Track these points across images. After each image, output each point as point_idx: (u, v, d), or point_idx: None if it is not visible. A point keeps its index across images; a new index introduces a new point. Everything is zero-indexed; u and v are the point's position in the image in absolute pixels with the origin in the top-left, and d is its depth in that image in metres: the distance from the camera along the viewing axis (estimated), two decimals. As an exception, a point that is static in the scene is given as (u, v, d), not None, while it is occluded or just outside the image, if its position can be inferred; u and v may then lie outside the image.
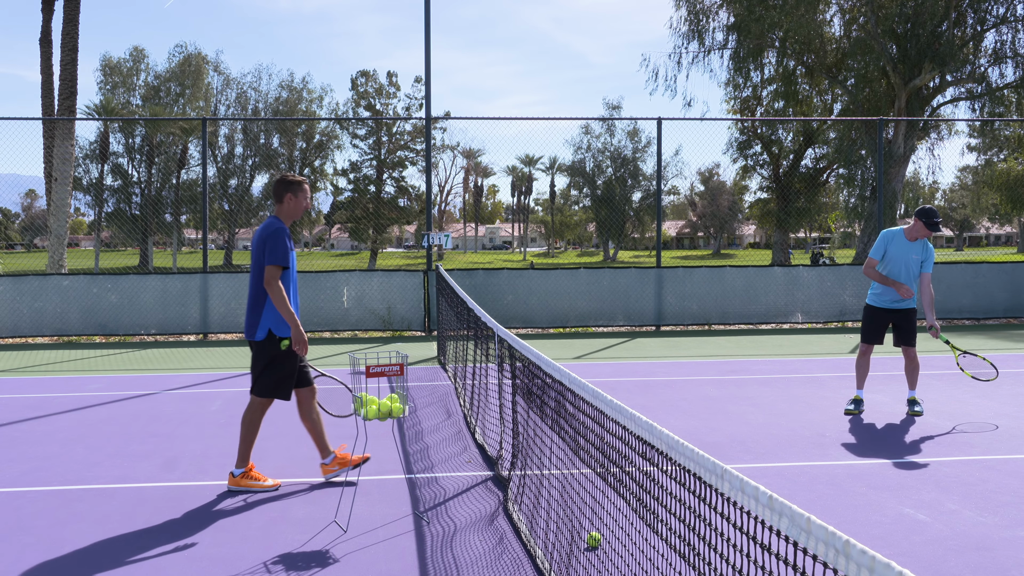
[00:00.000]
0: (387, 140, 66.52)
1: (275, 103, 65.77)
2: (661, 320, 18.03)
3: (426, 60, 17.86)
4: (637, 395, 10.55)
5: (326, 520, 5.94)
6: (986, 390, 10.71)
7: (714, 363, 13.37)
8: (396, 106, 68.17)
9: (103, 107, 61.74)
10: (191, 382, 11.78)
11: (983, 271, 19.03)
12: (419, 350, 14.97)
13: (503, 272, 17.97)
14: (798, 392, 10.71)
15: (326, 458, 6.89)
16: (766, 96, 40.06)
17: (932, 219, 9.01)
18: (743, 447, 7.87)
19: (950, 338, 14.82)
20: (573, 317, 17.90)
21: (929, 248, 9.25)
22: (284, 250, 6.45)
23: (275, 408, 9.77)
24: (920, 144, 35.78)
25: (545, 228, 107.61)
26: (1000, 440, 8.10)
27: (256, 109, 65.61)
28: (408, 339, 16.75)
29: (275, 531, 5.72)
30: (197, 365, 13.47)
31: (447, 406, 9.92)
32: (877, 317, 9.49)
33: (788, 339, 16.36)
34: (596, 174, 78.48)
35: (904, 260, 9.21)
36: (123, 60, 65.60)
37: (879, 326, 9.50)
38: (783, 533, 2.18)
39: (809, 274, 18.55)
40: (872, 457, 7.52)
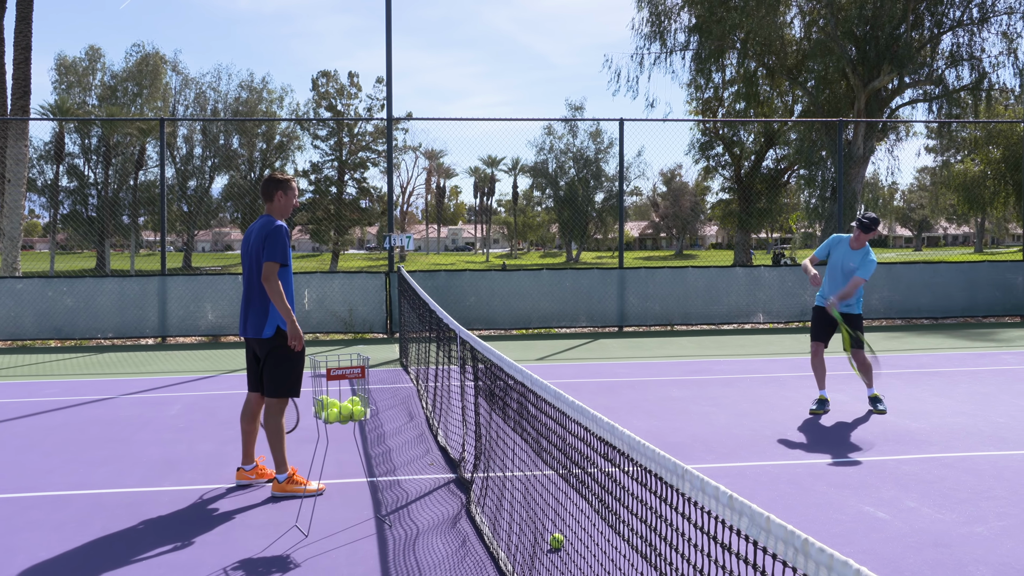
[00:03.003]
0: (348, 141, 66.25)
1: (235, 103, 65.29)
2: (624, 321, 18.10)
3: (387, 61, 17.81)
4: (600, 396, 10.57)
5: (287, 524, 5.90)
6: (944, 389, 10.85)
7: (677, 364, 13.43)
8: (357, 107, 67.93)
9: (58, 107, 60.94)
10: (149, 386, 11.66)
11: (941, 271, 19.27)
12: (381, 352, 14.91)
13: (466, 273, 17.95)
14: (760, 392, 10.79)
15: (247, 464, 6.86)
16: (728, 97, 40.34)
17: (861, 219, 9.25)
18: (706, 447, 7.92)
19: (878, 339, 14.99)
20: (536, 318, 17.92)
21: (868, 257, 9.30)
22: (284, 247, 6.50)
23: (230, 410, 9.70)
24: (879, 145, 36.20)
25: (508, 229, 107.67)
26: (957, 438, 8.21)
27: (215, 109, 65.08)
28: (370, 341, 16.68)
29: (235, 536, 5.68)
30: (155, 369, 13.33)
31: (409, 409, 9.88)
32: (820, 315, 9.63)
33: (750, 339, 16.48)
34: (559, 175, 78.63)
35: (840, 264, 9.42)
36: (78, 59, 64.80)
37: (822, 324, 9.61)
38: (743, 532, 2.20)
39: (771, 274, 18.70)
40: (833, 456, 7.59)
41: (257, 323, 6.57)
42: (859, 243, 9.32)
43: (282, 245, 6.47)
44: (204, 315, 16.88)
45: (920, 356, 14.02)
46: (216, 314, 16.88)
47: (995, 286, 19.36)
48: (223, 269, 56.97)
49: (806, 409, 9.62)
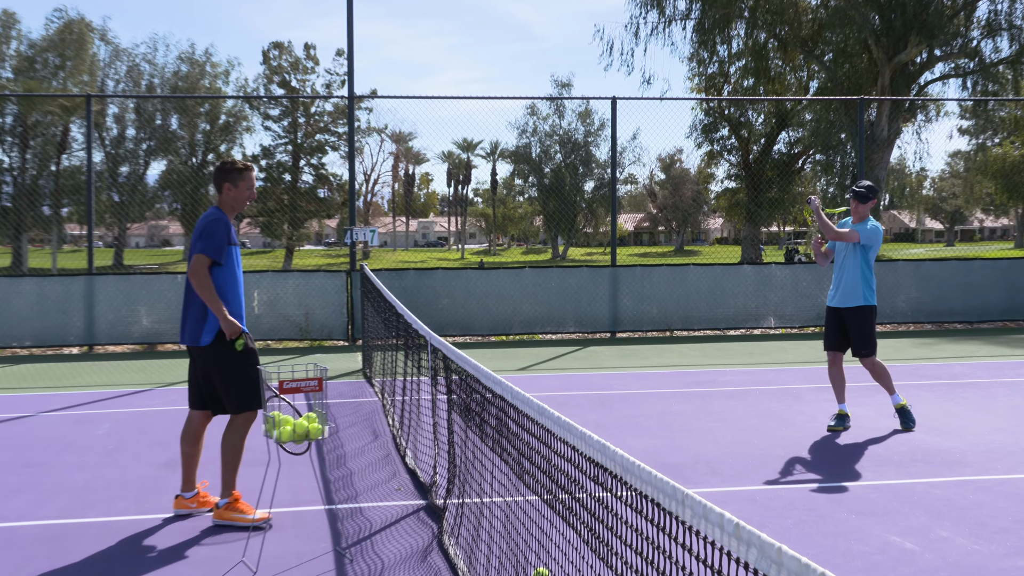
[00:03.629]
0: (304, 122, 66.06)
1: (173, 78, 64.98)
2: (617, 326, 18.12)
3: (348, 31, 17.77)
4: (590, 411, 10.58)
5: (232, 560, 5.87)
6: (981, 403, 10.92)
7: (676, 374, 13.46)
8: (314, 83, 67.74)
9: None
10: (73, 402, 11.59)
11: (976, 269, 19.39)
12: (341, 362, 14.87)
13: (438, 272, 17.93)
14: (771, 406, 10.82)
15: (188, 491, 6.85)
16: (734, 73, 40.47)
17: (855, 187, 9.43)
18: (709, 469, 7.93)
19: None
20: (517, 323, 17.92)
21: (868, 227, 9.43)
22: (219, 242, 6.53)
23: (166, 428, 9.65)
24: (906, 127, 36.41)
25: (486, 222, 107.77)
26: (996, 458, 8.26)
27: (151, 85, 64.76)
28: (328, 349, 16.64)
29: (173, 574, 5.64)
30: (81, 382, 13.25)
31: (373, 426, 9.85)
32: (832, 318, 9.69)
33: (760, 346, 16.54)
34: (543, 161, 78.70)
35: (848, 246, 9.47)
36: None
37: (834, 328, 9.66)
38: (751, 566, 2.19)
39: (783, 273, 18.77)
40: (855, 479, 7.62)
41: (194, 329, 6.58)
42: (859, 216, 9.49)
43: (218, 239, 6.51)
44: (138, 320, 16.80)
45: (953, 365, 14.10)
46: (152, 319, 16.80)
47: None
48: (160, 268, 56.78)
49: (823, 425, 9.65)
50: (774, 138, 44.72)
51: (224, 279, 6.58)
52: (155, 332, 16.86)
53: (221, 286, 6.58)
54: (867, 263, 9.48)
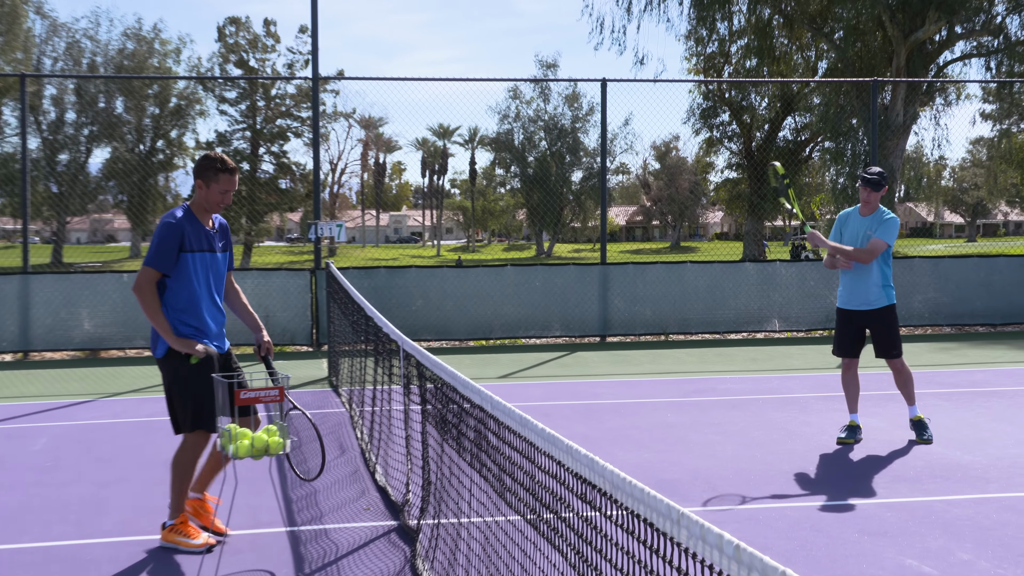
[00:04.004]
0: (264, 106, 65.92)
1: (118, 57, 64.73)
2: (607, 329, 18.15)
3: (312, 6, 17.73)
4: (577, 423, 10.59)
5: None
6: (1005, 413, 10.98)
7: (672, 382, 13.49)
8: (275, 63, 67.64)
9: None
10: (5, 415, 11.53)
11: (1000, 267, 19.46)
12: (305, 369, 14.85)
13: (411, 271, 17.92)
14: (776, 417, 10.85)
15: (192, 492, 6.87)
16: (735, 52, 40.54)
17: (865, 174, 9.36)
18: (708, 485, 7.95)
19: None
20: (498, 327, 17.93)
21: (881, 218, 9.36)
22: (166, 251, 6.42)
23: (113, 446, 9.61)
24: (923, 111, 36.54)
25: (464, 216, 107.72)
26: (1022, 474, 8.30)
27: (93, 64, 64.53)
28: (291, 355, 16.61)
29: (118, 602, 5.62)
30: (14, 393, 13.19)
31: (340, 439, 9.84)
32: (847, 322, 9.69)
33: (763, 351, 16.59)
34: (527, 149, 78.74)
35: (859, 240, 9.45)
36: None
37: (851, 332, 9.68)
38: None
39: (788, 271, 18.83)
40: (867, 496, 7.65)
41: (152, 339, 6.57)
42: (869, 207, 9.41)
43: (165, 247, 6.41)
44: (79, 324, 16.73)
45: (974, 372, 14.17)
46: (95, 322, 16.73)
47: (1067, 285, 19.58)
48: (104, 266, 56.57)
49: (833, 438, 9.68)
50: (779, 124, 44.86)
51: (178, 292, 6.45)
52: (98, 337, 16.79)
53: (175, 300, 6.46)
54: (886, 259, 9.49)
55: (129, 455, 9.29)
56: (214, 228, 6.71)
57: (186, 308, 6.50)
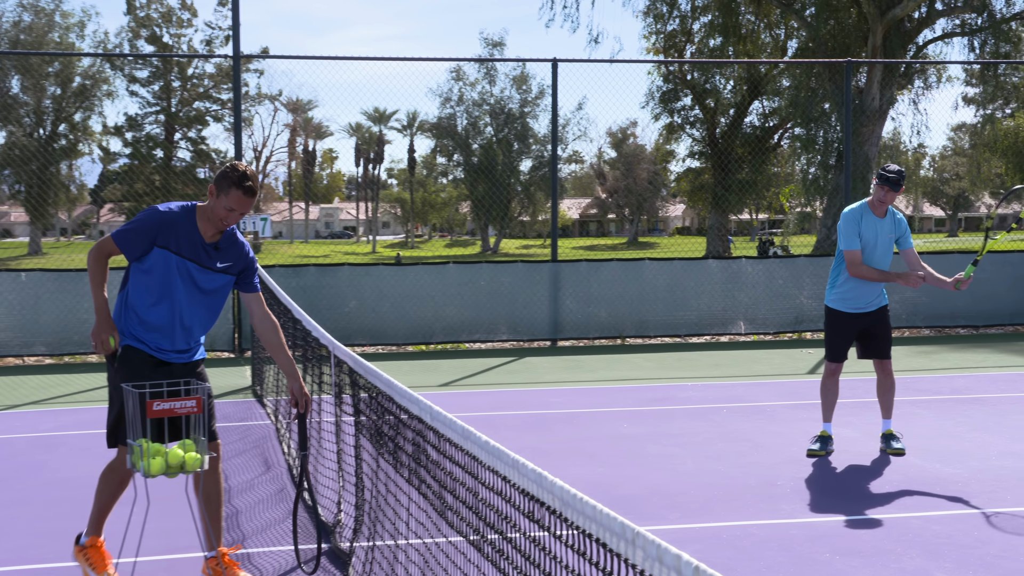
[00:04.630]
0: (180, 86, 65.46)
1: (14, 30, 63.98)
2: (558, 332, 18.18)
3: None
4: (526, 434, 10.60)
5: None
6: (988, 422, 11.10)
7: (629, 389, 13.53)
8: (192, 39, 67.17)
9: None
10: None
11: (984, 264, 19.62)
12: (226, 377, 14.77)
13: (344, 269, 17.85)
14: (741, 427, 10.92)
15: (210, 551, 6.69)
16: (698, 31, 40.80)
17: (886, 172, 9.34)
18: (667, 502, 7.99)
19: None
20: (439, 330, 17.91)
21: (899, 218, 9.60)
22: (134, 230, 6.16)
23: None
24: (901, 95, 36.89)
25: (402, 209, 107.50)
26: (1006, 487, 8.39)
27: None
28: (210, 363, 16.50)
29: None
30: (-96, 404, 13.01)
31: (265, 454, 9.80)
32: (846, 325, 9.75)
33: (727, 356, 16.68)
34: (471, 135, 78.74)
35: (880, 243, 9.50)
36: None
37: (850, 337, 9.77)
38: (715, 615, 2.22)
39: (755, 269, 18.95)
40: (839, 512, 7.72)
41: None
42: (885, 206, 9.47)
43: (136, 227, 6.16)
44: (-26, 328, 16.53)
45: (955, 378, 14.32)
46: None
47: (1055, 284, 19.81)
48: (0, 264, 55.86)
49: (802, 449, 9.76)
50: (745, 109, 45.08)
51: (143, 291, 6.22)
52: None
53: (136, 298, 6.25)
54: None
55: (28, 474, 9.19)
56: (216, 243, 6.37)
57: (146, 312, 6.24)
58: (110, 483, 6.49)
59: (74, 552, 6.53)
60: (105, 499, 6.51)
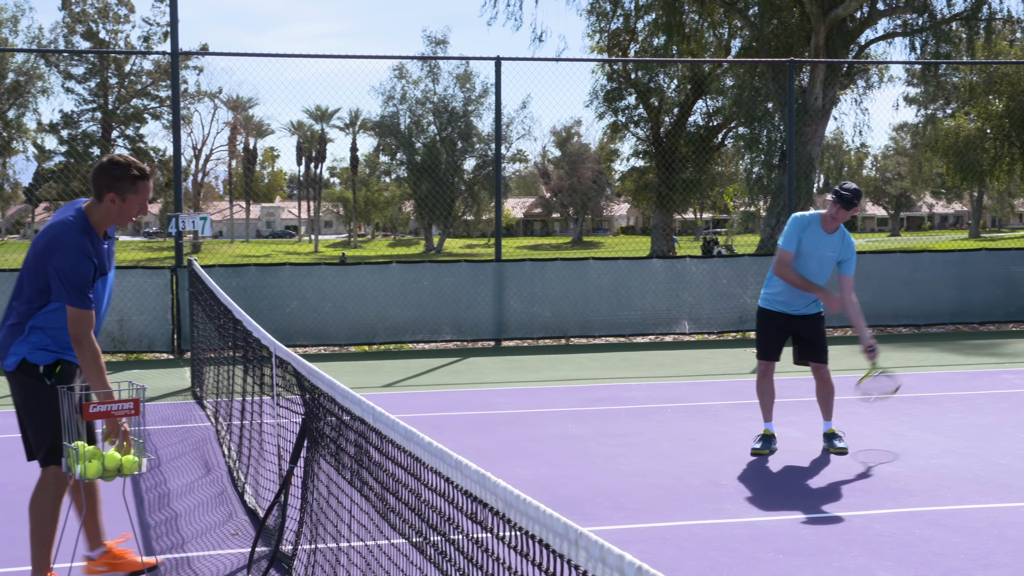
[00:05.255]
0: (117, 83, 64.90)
1: (-55, 26, 63.17)
2: (502, 333, 18.19)
3: (171, -30, 17.51)
4: (470, 435, 10.61)
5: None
6: (928, 420, 11.22)
7: (573, 390, 13.56)
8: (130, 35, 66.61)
9: None
10: None
11: (925, 263, 19.86)
12: (165, 379, 14.67)
13: (285, 269, 17.78)
14: (685, 427, 10.98)
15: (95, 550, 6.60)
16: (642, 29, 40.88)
17: (841, 191, 9.44)
18: (611, 502, 8.02)
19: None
20: (382, 330, 17.87)
21: (849, 242, 9.68)
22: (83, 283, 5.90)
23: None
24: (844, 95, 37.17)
25: (345, 208, 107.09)
26: (947, 486, 8.50)
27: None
28: (149, 364, 16.38)
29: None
30: None
31: (205, 457, 9.74)
32: (776, 325, 9.83)
33: (671, 356, 16.75)
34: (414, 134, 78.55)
35: (818, 256, 9.59)
36: None
37: (780, 336, 9.84)
38: (658, 615, 2.23)
39: (699, 268, 19.04)
40: (782, 512, 7.78)
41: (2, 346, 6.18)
42: (836, 224, 9.57)
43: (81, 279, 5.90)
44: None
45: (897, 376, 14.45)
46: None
47: (996, 283, 20.04)
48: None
49: (746, 449, 9.83)
50: (689, 108, 45.31)
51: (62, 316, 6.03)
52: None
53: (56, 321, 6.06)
54: None
55: None
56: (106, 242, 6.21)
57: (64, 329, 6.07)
58: (45, 507, 6.24)
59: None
60: (47, 528, 6.24)
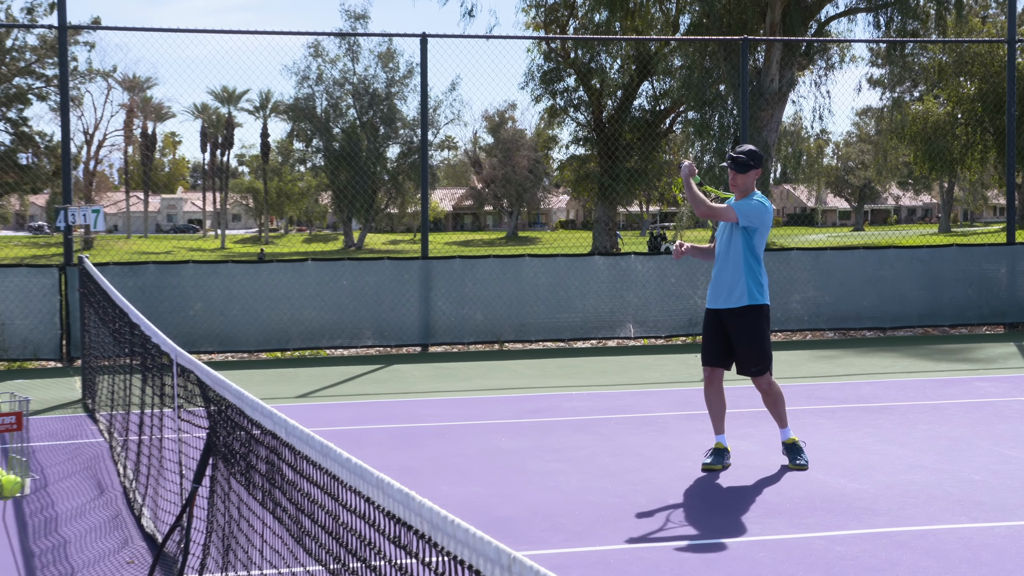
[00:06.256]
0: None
1: None
2: (429, 337, 18.16)
3: (60, -65, 17.35)
4: (393, 450, 10.59)
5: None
6: (895, 433, 11.29)
7: (507, 400, 13.57)
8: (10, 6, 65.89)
9: None
10: None
11: (891, 260, 19.98)
12: (52, 390, 14.53)
13: (188, 267, 17.65)
14: (631, 441, 11.00)
15: None
16: (582, 4, 41.01)
17: (731, 153, 9.67)
18: (549, 523, 8.02)
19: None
20: (297, 335, 17.79)
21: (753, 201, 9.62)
22: None
23: None
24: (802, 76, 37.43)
25: (255, 200, 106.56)
26: (915, 504, 8.54)
27: None
28: (34, 373, 16.22)
29: None
30: None
31: (97, 476, 9.65)
32: (711, 322, 9.84)
33: (615, 362, 16.80)
34: (332, 118, 78.36)
35: (724, 233, 9.74)
36: None
37: (715, 336, 9.83)
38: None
39: (646, 266, 19.09)
40: (737, 534, 7.81)
41: None
42: (739, 191, 9.67)
43: None
44: None
45: (861, 384, 14.58)
46: None
47: (968, 282, 20.19)
48: None
49: (697, 464, 9.85)
50: (634, 90, 45.47)
51: None
52: None
53: None
54: (752, 251, 9.60)
55: None
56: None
57: None
58: None
59: None
60: None
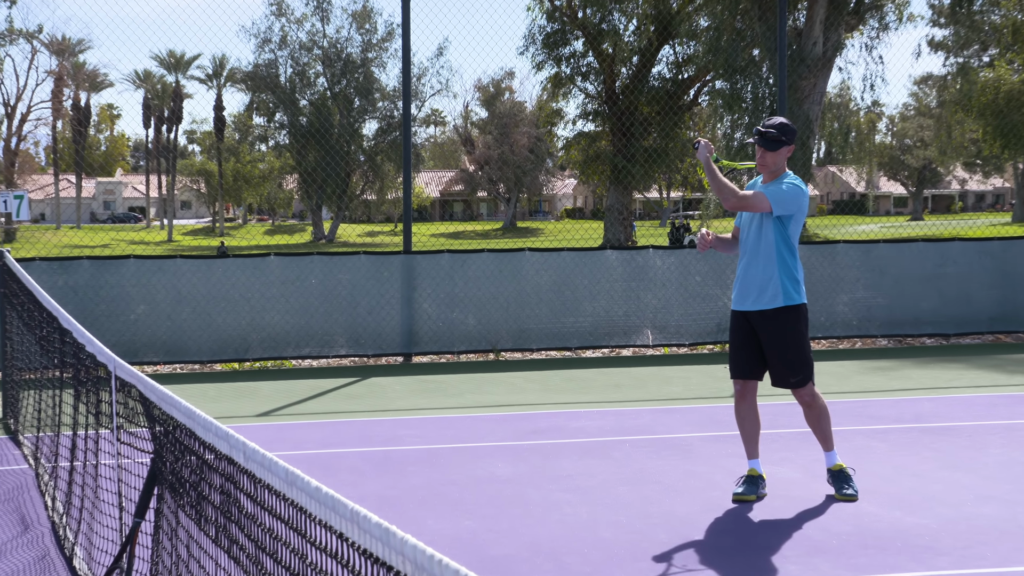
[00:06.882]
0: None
1: None
2: (413, 346, 18.15)
3: None
4: (371, 478, 10.59)
5: None
6: (961, 458, 11.24)
7: (504, 418, 13.57)
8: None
9: None
10: None
11: (955, 255, 19.89)
12: (-30, 408, 14.53)
13: (129, 263, 17.63)
14: (648, 466, 10.99)
15: None
16: (593, -47, 40.97)
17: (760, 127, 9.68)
18: (554, 563, 8.01)
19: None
20: (257, 343, 17.77)
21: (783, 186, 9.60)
22: None
23: None
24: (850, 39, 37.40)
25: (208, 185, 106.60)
26: (984, 542, 8.48)
27: None
28: (-50, 388, 16.22)
29: None
30: None
31: (21, 509, 9.67)
32: (739, 328, 9.81)
33: (630, 375, 16.79)
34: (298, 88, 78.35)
35: (752, 221, 9.72)
36: None
37: (744, 344, 9.80)
38: None
39: (666, 262, 19.06)
40: (776, 574, 7.80)
41: None
42: (768, 171, 9.65)
43: None
44: None
45: (921, 400, 14.55)
46: None
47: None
48: None
49: (727, 494, 9.83)
50: (653, 56, 45.42)
51: None
52: None
53: None
54: (786, 242, 9.53)
55: None
56: None
57: None
58: None
59: None
60: None
